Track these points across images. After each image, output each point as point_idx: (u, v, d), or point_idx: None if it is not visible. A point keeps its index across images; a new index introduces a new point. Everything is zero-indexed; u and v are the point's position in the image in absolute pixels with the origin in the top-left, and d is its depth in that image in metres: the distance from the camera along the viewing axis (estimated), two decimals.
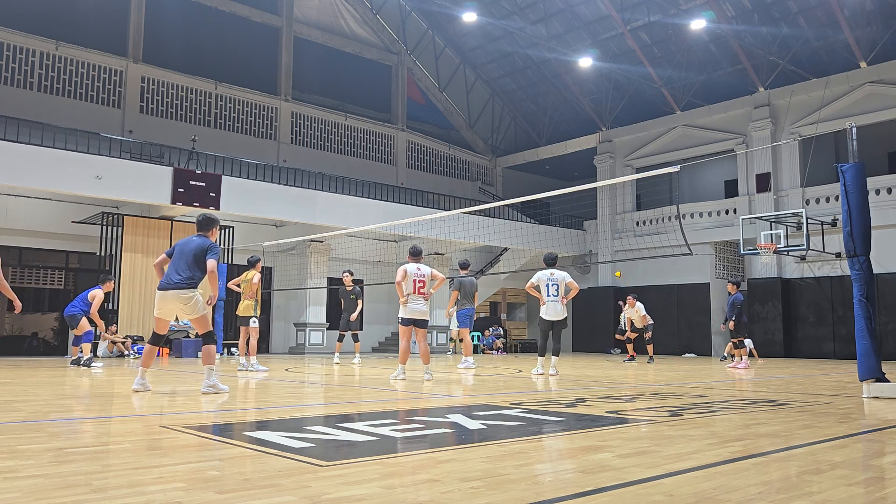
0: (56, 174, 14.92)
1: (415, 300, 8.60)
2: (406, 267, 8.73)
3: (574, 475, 2.88)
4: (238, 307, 11.02)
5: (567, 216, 25.63)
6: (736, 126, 22.35)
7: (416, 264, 8.79)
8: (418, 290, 8.62)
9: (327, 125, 24.89)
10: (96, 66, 20.05)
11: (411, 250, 9.06)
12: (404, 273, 8.66)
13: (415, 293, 8.60)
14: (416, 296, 8.60)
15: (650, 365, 14.31)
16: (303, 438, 3.72)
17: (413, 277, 8.64)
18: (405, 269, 8.69)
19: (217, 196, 16.85)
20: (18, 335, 21.38)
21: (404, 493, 2.51)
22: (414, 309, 8.59)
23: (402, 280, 8.64)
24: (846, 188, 6.80)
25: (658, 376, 10.13)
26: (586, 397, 6.49)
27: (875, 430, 4.48)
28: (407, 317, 8.64)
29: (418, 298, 8.62)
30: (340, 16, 25.86)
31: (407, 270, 8.68)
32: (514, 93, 28.71)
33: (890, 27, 19.24)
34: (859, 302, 6.63)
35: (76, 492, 2.48)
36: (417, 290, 8.62)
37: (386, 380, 8.74)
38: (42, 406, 5.46)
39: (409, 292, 8.59)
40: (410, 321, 8.67)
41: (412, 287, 8.61)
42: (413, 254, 8.99)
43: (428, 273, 8.82)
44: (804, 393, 7.24)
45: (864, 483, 2.82)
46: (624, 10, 22.20)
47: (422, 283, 8.67)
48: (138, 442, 3.70)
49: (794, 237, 19.30)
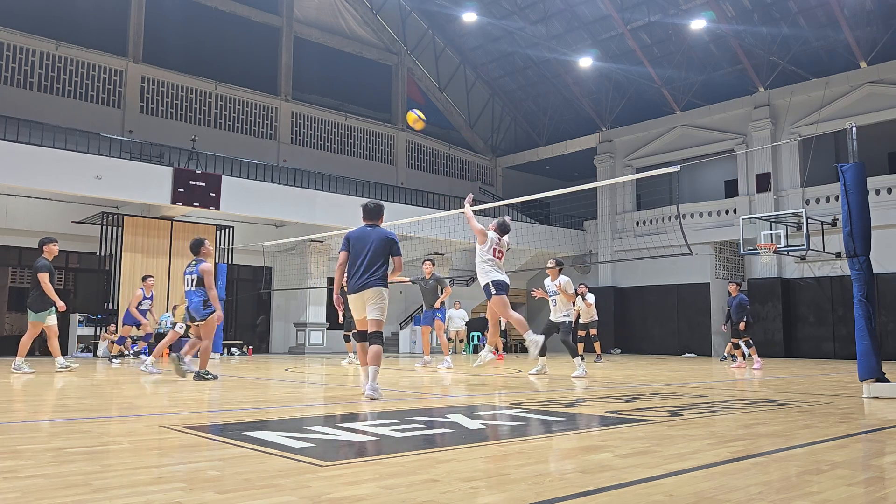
0: (56, 174, 14.92)
1: (498, 266, 7.87)
2: (489, 232, 8.06)
3: (574, 475, 2.88)
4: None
5: (567, 216, 25.63)
6: (736, 126, 22.35)
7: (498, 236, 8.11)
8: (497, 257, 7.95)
9: (327, 125, 24.90)
10: (96, 66, 20.06)
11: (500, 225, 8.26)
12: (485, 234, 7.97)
13: (496, 259, 7.90)
14: (497, 262, 7.89)
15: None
16: (303, 438, 3.71)
17: (494, 245, 7.96)
18: (488, 233, 8.02)
19: (217, 196, 16.85)
20: (18, 335, 21.36)
21: (404, 493, 2.51)
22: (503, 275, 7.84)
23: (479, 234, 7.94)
24: (846, 188, 6.80)
25: (657, 376, 10.12)
26: (586, 397, 6.49)
27: (875, 430, 4.47)
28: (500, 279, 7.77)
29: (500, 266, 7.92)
30: (340, 16, 25.86)
31: (490, 236, 8.00)
32: (514, 93, 28.71)
33: (890, 27, 19.24)
34: (859, 302, 6.63)
35: (76, 492, 2.48)
36: (497, 257, 7.94)
37: (387, 380, 8.72)
38: (42, 406, 5.46)
39: (489, 257, 7.88)
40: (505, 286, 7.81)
41: (492, 253, 7.90)
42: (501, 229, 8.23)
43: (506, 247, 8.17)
44: (804, 393, 7.24)
45: (864, 483, 2.82)
46: (624, 10, 22.20)
47: (500, 252, 8.02)
48: (138, 442, 3.70)
49: (794, 237, 19.30)
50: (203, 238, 8.67)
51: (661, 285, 22.99)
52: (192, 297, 8.35)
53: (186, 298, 8.48)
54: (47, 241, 9.79)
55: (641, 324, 23.70)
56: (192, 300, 8.34)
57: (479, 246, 8.01)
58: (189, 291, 8.41)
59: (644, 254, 20.10)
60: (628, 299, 24.13)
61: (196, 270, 8.37)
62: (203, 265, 8.37)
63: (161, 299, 17.05)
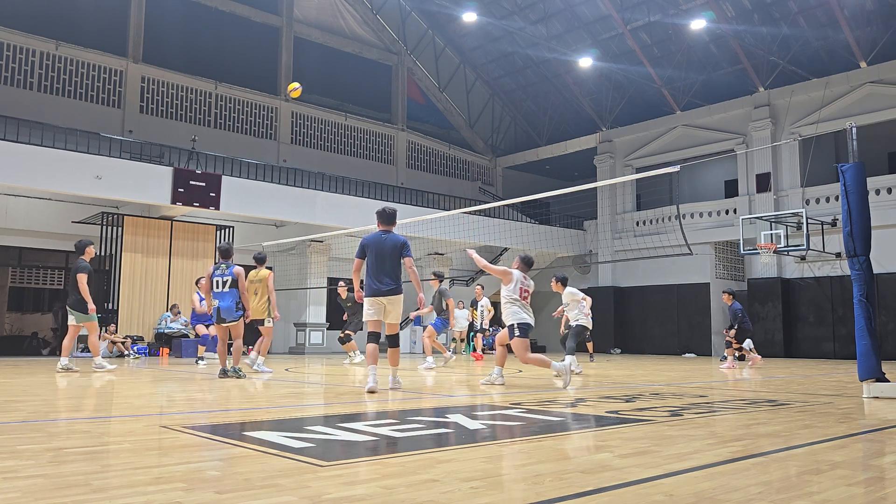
0: (56, 174, 14.91)
1: (524, 307, 7.72)
2: (513, 271, 7.86)
3: (574, 475, 2.88)
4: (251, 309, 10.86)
5: (567, 216, 25.63)
6: (736, 126, 22.36)
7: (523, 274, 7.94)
8: (523, 298, 7.78)
9: (327, 125, 24.89)
10: (96, 66, 20.06)
11: (524, 259, 8.11)
12: (510, 274, 7.79)
13: (521, 299, 7.74)
14: (523, 303, 7.74)
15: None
16: (303, 438, 3.72)
17: (520, 285, 7.78)
18: (512, 272, 7.83)
19: (217, 196, 16.85)
20: (18, 335, 21.38)
21: (404, 493, 2.51)
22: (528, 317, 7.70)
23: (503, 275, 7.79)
24: (846, 188, 6.80)
25: (657, 376, 10.13)
26: (586, 397, 6.49)
27: (875, 430, 4.47)
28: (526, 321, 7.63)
29: (525, 306, 7.76)
30: (340, 16, 25.86)
31: (514, 275, 7.81)
32: (514, 93, 28.71)
33: (890, 27, 19.24)
34: (859, 302, 6.63)
35: (76, 492, 2.48)
36: (523, 298, 7.77)
37: (387, 380, 8.70)
38: (42, 406, 5.46)
39: (515, 297, 7.71)
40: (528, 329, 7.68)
41: (518, 294, 7.74)
42: (526, 263, 8.08)
43: (532, 287, 7.96)
44: (804, 393, 7.24)
45: (864, 483, 2.82)
46: (624, 10, 22.20)
47: (526, 292, 7.83)
48: (138, 442, 3.70)
49: (794, 237, 19.30)
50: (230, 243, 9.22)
51: (661, 285, 22.99)
52: (225, 299, 8.65)
53: (216, 300, 8.71)
54: (87, 243, 10.12)
55: (641, 324, 23.70)
56: (225, 302, 8.63)
57: (503, 286, 7.83)
58: (221, 293, 8.71)
59: (644, 254, 20.11)
60: (628, 299, 24.13)
61: (230, 272, 8.74)
62: (237, 268, 8.80)
63: (161, 299, 17.05)
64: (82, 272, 9.80)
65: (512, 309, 7.69)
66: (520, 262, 8.04)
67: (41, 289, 22.49)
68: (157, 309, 16.90)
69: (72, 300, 9.85)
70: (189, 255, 17.56)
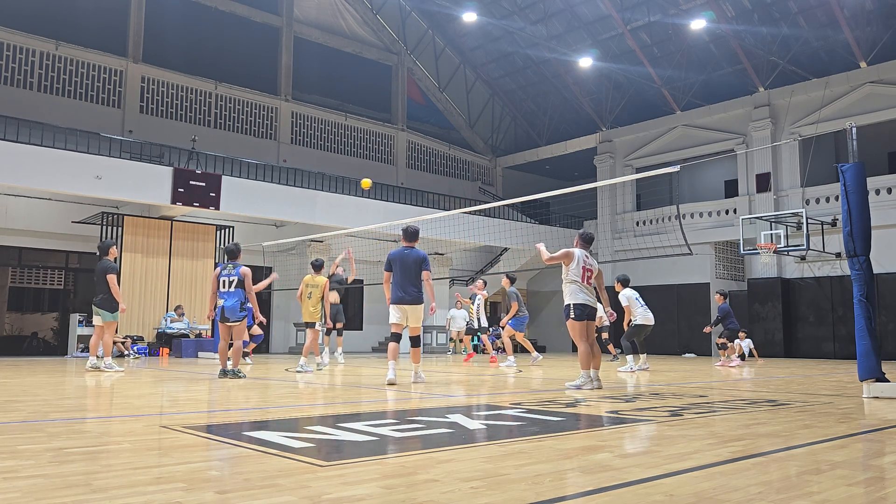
0: (56, 174, 14.91)
1: (584, 289, 7.27)
2: (574, 251, 7.43)
3: (574, 475, 2.88)
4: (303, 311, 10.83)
5: (567, 216, 25.62)
6: (736, 126, 22.35)
7: (585, 252, 7.49)
8: (586, 280, 7.32)
9: (327, 125, 24.89)
10: (96, 66, 20.05)
11: (584, 236, 7.73)
12: (570, 255, 7.35)
13: (583, 282, 7.28)
14: (584, 285, 7.28)
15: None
16: (303, 438, 3.72)
17: (582, 264, 7.32)
18: (573, 252, 7.40)
19: (217, 196, 16.85)
20: (18, 335, 21.38)
21: (404, 493, 2.51)
22: (588, 298, 7.25)
23: (563, 258, 7.35)
24: (846, 188, 6.80)
25: (657, 376, 10.13)
26: (586, 397, 6.49)
27: (875, 430, 4.47)
28: (583, 302, 7.17)
29: (587, 288, 7.30)
30: (340, 16, 25.86)
31: (575, 254, 7.37)
32: (514, 93, 28.71)
33: (890, 27, 19.24)
34: (859, 302, 6.63)
35: (76, 492, 2.48)
36: (586, 280, 7.31)
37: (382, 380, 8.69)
38: (42, 406, 5.46)
39: (575, 279, 7.30)
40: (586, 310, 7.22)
41: (580, 274, 7.29)
42: (585, 240, 7.68)
43: (596, 267, 7.51)
44: (804, 393, 7.24)
45: (864, 483, 2.82)
46: (624, 10, 22.20)
47: (590, 272, 7.37)
48: (138, 442, 3.70)
49: (794, 237, 19.30)
50: (239, 244, 9.35)
51: (661, 285, 22.97)
52: (230, 299, 8.66)
53: (222, 299, 8.72)
54: (111, 244, 10.47)
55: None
56: (230, 302, 8.64)
57: (564, 267, 7.41)
58: (227, 293, 8.73)
59: (644, 254, 20.10)
60: None
61: (237, 273, 8.76)
62: (244, 268, 8.84)
63: (161, 299, 17.05)
64: (111, 272, 10.01)
65: (570, 288, 7.27)
66: (579, 239, 7.66)
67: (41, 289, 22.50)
68: (157, 309, 16.90)
69: (99, 299, 9.97)
70: (189, 255, 17.56)
